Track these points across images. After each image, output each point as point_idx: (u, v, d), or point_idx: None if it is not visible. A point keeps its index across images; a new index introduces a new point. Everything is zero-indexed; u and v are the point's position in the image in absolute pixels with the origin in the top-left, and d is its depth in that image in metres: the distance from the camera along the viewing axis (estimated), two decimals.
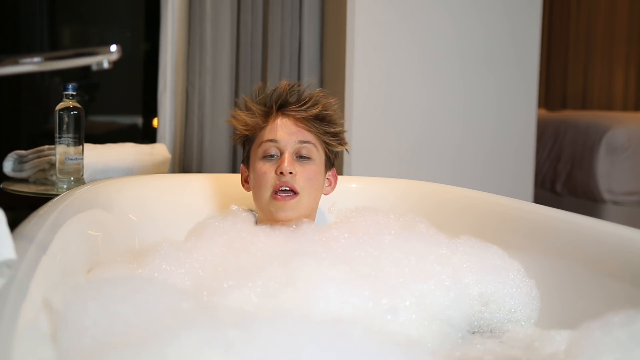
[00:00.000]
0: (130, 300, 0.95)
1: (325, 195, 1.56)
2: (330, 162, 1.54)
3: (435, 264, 1.30)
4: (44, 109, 3.56)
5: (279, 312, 1.10)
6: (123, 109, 3.77)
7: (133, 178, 1.86)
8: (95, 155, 2.15)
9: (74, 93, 2.00)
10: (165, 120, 2.70)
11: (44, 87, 3.60)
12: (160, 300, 0.98)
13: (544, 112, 4.54)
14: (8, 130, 3.60)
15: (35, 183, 2.14)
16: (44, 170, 2.12)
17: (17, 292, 0.84)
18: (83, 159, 2.02)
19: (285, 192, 1.43)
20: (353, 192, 1.77)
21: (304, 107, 1.46)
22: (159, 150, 2.42)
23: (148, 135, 3.33)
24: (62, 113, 1.97)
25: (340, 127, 1.52)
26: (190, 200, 1.68)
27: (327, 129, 1.49)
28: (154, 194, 1.69)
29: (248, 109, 1.50)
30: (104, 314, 0.90)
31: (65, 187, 1.98)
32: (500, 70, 2.72)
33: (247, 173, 1.54)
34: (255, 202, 1.50)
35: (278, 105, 1.48)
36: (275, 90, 1.49)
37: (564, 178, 3.89)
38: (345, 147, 1.55)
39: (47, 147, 2.12)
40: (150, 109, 3.10)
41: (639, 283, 1.15)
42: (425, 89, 2.64)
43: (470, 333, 1.28)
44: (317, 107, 1.47)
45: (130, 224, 1.58)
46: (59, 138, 1.98)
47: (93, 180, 1.99)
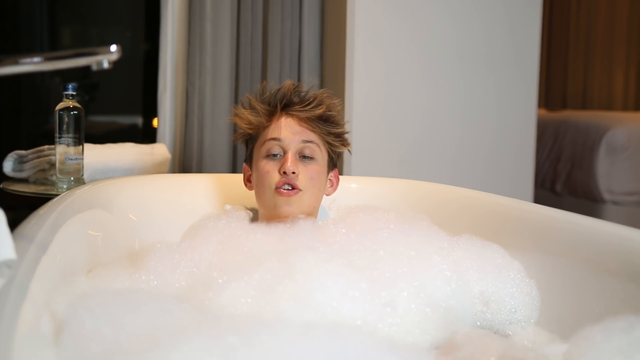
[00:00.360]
0: (133, 310, 0.94)
1: (327, 196, 1.56)
2: (333, 162, 1.54)
3: (435, 255, 1.30)
4: (44, 109, 3.56)
5: (277, 306, 1.10)
6: (123, 109, 3.77)
7: (133, 178, 1.86)
8: (95, 155, 2.15)
9: (74, 93, 2.00)
10: (165, 120, 2.69)
11: (44, 87, 3.59)
12: (162, 308, 0.98)
13: (544, 112, 4.53)
14: (8, 130, 3.60)
15: (35, 183, 2.14)
16: (44, 170, 2.12)
17: (17, 292, 0.84)
18: (83, 159, 2.02)
19: (289, 189, 1.44)
20: (353, 192, 1.77)
21: (308, 107, 1.47)
22: (159, 150, 2.42)
23: (148, 135, 3.33)
24: (62, 113, 1.97)
25: (344, 127, 1.53)
26: (190, 201, 1.68)
27: (330, 130, 1.49)
28: (154, 194, 1.69)
29: (252, 108, 1.50)
30: (108, 324, 0.90)
31: (65, 187, 1.98)
32: (500, 70, 2.72)
33: (249, 172, 1.54)
34: (258, 200, 1.50)
35: (282, 105, 1.48)
36: (280, 90, 1.50)
37: (564, 178, 3.88)
38: (348, 147, 1.55)
39: (47, 147, 2.12)
40: (150, 109, 3.10)
41: (639, 283, 1.15)
42: (425, 89, 2.64)
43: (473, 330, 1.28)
44: (321, 107, 1.47)
45: (131, 224, 1.58)
46: (59, 138, 1.98)
47: (93, 180, 1.99)
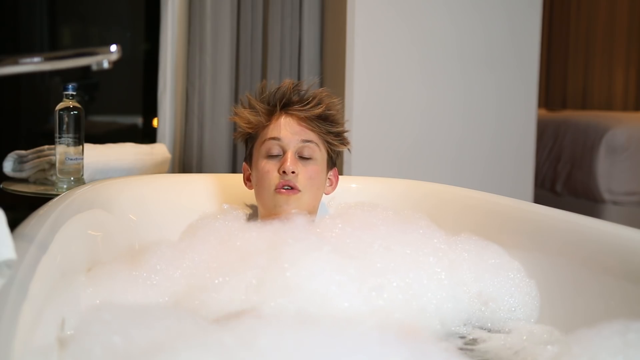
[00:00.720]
0: (138, 321, 0.94)
1: (327, 195, 1.56)
2: (332, 161, 1.55)
3: (430, 257, 1.30)
4: (44, 109, 3.56)
5: (271, 300, 1.11)
6: (123, 109, 3.77)
7: (133, 178, 1.86)
8: (95, 155, 2.15)
9: (74, 93, 2.00)
10: (165, 120, 2.69)
11: (44, 87, 3.59)
12: (165, 316, 0.98)
13: (544, 112, 4.53)
14: (8, 130, 3.60)
15: (35, 183, 2.14)
16: (44, 170, 2.12)
17: (17, 292, 0.84)
18: (83, 159, 2.02)
19: (288, 189, 1.44)
20: (353, 192, 1.77)
21: (308, 106, 1.47)
22: (159, 150, 2.42)
23: (148, 135, 3.33)
24: (62, 113, 1.97)
25: (343, 127, 1.53)
26: (190, 200, 1.68)
27: (330, 129, 1.49)
28: (154, 194, 1.69)
29: (251, 107, 1.51)
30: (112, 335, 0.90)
31: (65, 187, 1.98)
32: (500, 70, 2.72)
33: (249, 171, 1.55)
34: (258, 199, 1.50)
35: (282, 104, 1.48)
36: (279, 89, 1.50)
37: (564, 178, 3.88)
38: (348, 146, 1.55)
39: (47, 147, 2.12)
40: (150, 109, 3.10)
41: (639, 283, 1.15)
42: (425, 89, 2.64)
43: (470, 331, 1.28)
44: (320, 106, 1.47)
45: (131, 224, 1.58)
46: (59, 138, 1.98)
47: (93, 180, 1.99)
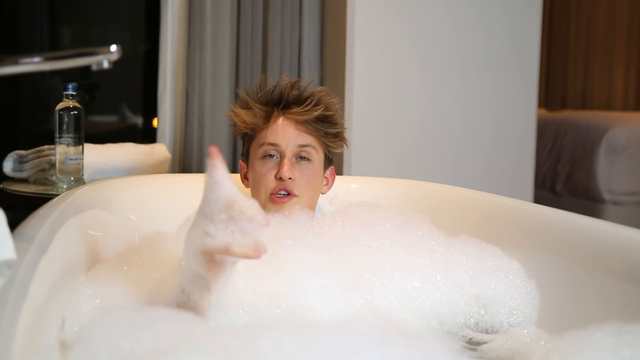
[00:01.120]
0: (139, 323, 0.94)
1: (323, 195, 1.56)
2: (329, 160, 1.53)
3: (427, 259, 1.30)
4: (44, 109, 3.56)
5: (262, 298, 1.11)
6: (123, 109, 3.77)
7: (133, 178, 1.86)
8: (95, 155, 2.15)
9: (74, 93, 2.00)
10: (165, 120, 2.69)
11: (44, 87, 3.59)
12: (165, 317, 0.97)
13: (544, 112, 4.53)
14: (8, 130, 3.60)
15: (35, 183, 2.14)
16: (44, 170, 2.12)
17: (17, 292, 0.84)
18: (83, 159, 2.02)
19: (283, 195, 1.43)
20: (353, 192, 1.77)
21: (306, 108, 1.44)
22: (159, 150, 2.42)
23: (148, 135, 3.33)
24: (62, 113, 1.97)
25: (341, 127, 1.51)
26: (191, 200, 1.66)
27: (328, 130, 1.47)
28: (154, 194, 1.69)
29: (248, 107, 1.48)
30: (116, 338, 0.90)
31: (65, 187, 1.98)
32: (500, 70, 2.72)
33: (246, 169, 1.54)
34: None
35: (280, 107, 1.46)
36: (277, 88, 1.47)
37: (564, 178, 3.88)
38: (346, 146, 1.54)
39: (47, 147, 2.11)
40: (150, 109, 3.09)
41: (639, 283, 1.15)
42: (425, 89, 2.64)
43: (470, 334, 1.28)
44: (318, 107, 1.44)
45: (131, 224, 1.58)
46: (59, 138, 1.98)
47: (93, 180, 1.99)
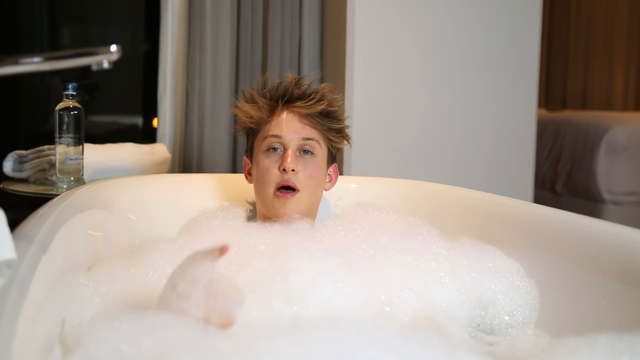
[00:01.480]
0: (135, 326, 0.94)
1: (326, 191, 1.56)
2: (332, 157, 1.54)
3: (432, 262, 1.30)
4: (44, 109, 3.56)
5: (268, 305, 1.10)
6: (123, 109, 3.77)
7: (133, 178, 1.86)
8: (95, 155, 2.15)
9: (74, 93, 2.00)
10: (165, 120, 2.69)
11: (44, 87, 3.59)
12: (159, 321, 0.97)
13: (544, 112, 4.53)
14: (8, 130, 3.60)
15: (35, 183, 2.14)
16: (44, 170, 2.12)
17: (17, 292, 0.84)
18: (83, 159, 2.02)
19: (287, 189, 1.44)
20: (353, 192, 1.77)
21: (310, 103, 1.46)
22: (159, 150, 2.42)
23: (148, 135, 3.33)
24: (62, 113, 1.97)
25: (344, 123, 1.53)
26: (190, 200, 1.68)
27: (331, 126, 1.49)
28: (154, 194, 1.69)
29: (253, 102, 1.50)
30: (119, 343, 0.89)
31: (65, 187, 1.98)
32: (500, 70, 2.72)
33: (249, 165, 1.55)
34: (257, 195, 1.50)
35: (284, 100, 1.48)
36: (281, 84, 1.49)
37: (564, 178, 3.88)
38: (349, 143, 1.55)
39: (47, 147, 2.11)
40: (150, 109, 3.09)
41: (639, 283, 1.15)
42: (425, 89, 2.64)
43: (471, 335, 1.28)
44: (322, 103, 1.47)
45: (131, 224, 1.58)
46: (59, 138, 1.98)
47: (93, 180, 1.99)
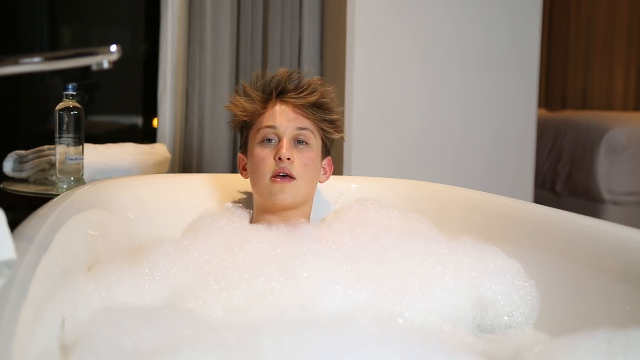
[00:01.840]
0: (139, 321, 0.94)
1: (321, 184, 1.57)
2: (327, 149, 1.56)
3: (437, 265, 1.31)
4: (44, 109, 3.56)
5: (276, 310, 1.10)
6: (123, 109, 3.77)
7: (133, 178, 1.86)
8: (95, 155, 2.15)
9: (74, 93, 2.00)
10: (165, 120, 2.69)
11: (44, 87, 3.59)
12: (165, 316, 0.97)
13: (544, 112, 4.53)
14: (8, 130, 3.60)
15: (35, 183, 2.14)
16: (44, 170, 2.12)
17: (17, 292, 0.84)
18: (83, 159, 2.02)
19: (283, 176, 1.45)
20: (353, 192, 1.77)
21: (303, 94, 1.48)
22: (159, 150, 2.42)
23: (148, 135, 3.33)
24: (62, 113, 1.97)
25: (338, 114, 1.54)
26: (190, 200, 1.68)
27: (324, 116, 1.51)
28: (154, 194, 1.69)
29: (247, 95, 1.52)
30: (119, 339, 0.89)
31: (65, 187, 1.98)
32: (500, 70, 2.72)
33: (244, 161, 1.56)
34: (254, 187, 1.51)
35: (277, 92, 1.49)
36: (274, 77, 1.51)
37: (564, 178, 3.88)
38: (342, 134, 1.56)
39: (47, 147, 2.11)
40: (150, 109, 3.09)
41: (639, 283, 1.15)
42: (425, 89, 2.64)
43: (474, 334, 1.28)
44: (315, 94, 1.48)
45: (131, 224, 1.57)
46: (59, 138, 1.98)
47: (93, 180, 1.99)
